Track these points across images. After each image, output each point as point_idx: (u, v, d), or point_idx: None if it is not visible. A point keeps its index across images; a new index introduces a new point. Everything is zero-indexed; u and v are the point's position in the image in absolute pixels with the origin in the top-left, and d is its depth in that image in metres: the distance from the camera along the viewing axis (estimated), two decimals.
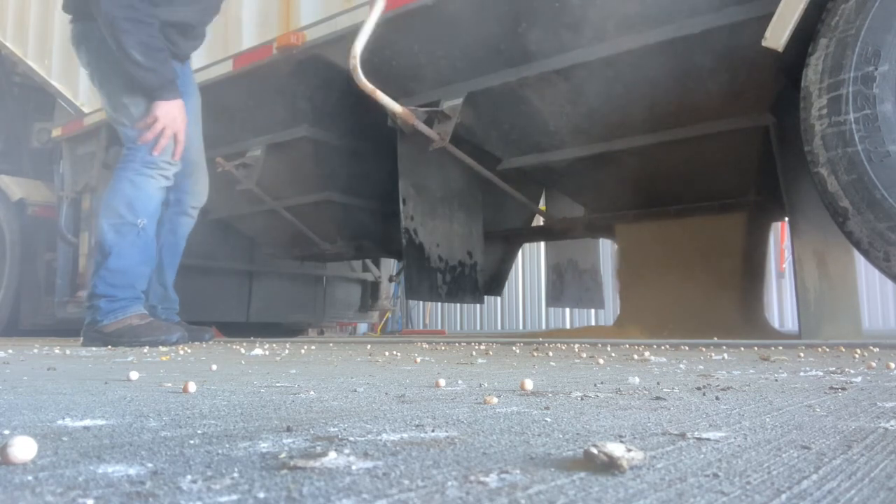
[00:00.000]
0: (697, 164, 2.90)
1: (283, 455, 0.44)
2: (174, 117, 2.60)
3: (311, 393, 0.85)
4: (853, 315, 2.79)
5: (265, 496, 0.33)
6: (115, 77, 2.61)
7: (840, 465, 0.41)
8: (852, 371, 1.10)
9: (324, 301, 5.54)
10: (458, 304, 9.11)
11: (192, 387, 0.86)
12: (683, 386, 0.89)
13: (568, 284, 4.39)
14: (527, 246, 6.62)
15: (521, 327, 8.77)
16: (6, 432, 0.54)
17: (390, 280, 5.91)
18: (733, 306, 3.05)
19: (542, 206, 4.06)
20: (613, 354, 1.73)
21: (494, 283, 4.10)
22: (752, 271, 3.16)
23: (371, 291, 5.88)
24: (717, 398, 0.75)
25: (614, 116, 2.84)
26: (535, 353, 1.84)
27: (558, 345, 2.46)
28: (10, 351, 2.21)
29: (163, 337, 2.59)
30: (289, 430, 0.55)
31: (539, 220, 4.11)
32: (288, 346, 2.63)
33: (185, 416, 0.64)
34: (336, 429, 0.55)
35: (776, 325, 6.76)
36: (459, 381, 1.00)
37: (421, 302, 8.99)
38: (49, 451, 0.45)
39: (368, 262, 5.65)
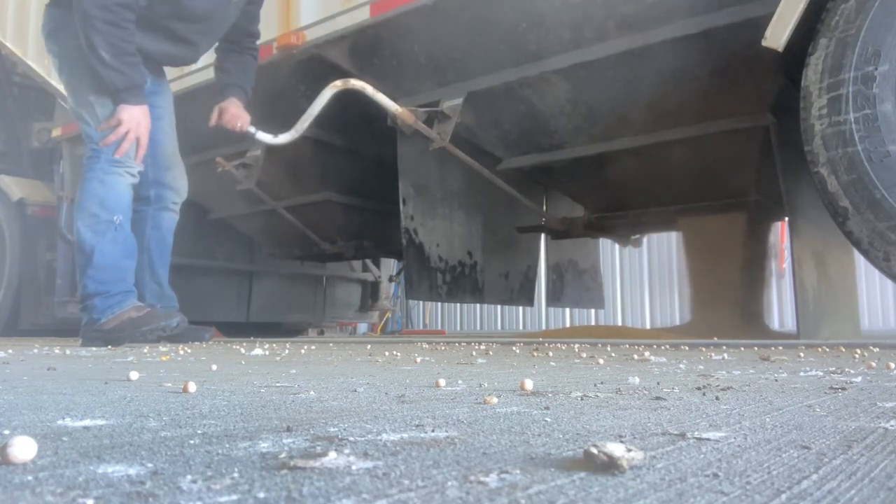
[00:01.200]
0: (697, 164, 2.90)
1: (283, 455, 0.44)
2: (138, 122, 2.61)
3: (311, 393, 0.85)
4: (852, 315, 2.79)
5: (265, 496, 0.33)
6: (84, 73, 2.60)
7: (840, 465, 0.41)
8: (852, 371, 1.10)
9: (324, 301, 5.54)
10: (458, 304, 9.12)
11: (192, 387, 0.86)
12: (683, 386, 0.89)
13: (568, 284, 4.39)
14: None
15: (521, 327, 8.76)
16: (6, 432, 0.54)
17: (390, 280, 5.91)
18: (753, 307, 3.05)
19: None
20: (613, 354, 1.73)
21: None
22: (753, 271, 3.16)
23: (371, 291, 5.87)
24: (717, 398, 0.75)
25: (614, 116, 2.84)
26: (535, 353, 1.84)
27: (558, 345, 2.46)
28: (10, 351, 2.21)
29: (163, 323, 2.59)
30: (289, 430, 0.55)
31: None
32: (288, 346, 2.63)
33: (185, 416, 0.64)
34: (336, 429, 0.55)
35: (776, 325, 6.76)
36: (459, 381, 1.00)
37: (421, 302, 8.98)
38: (49, 451, 0.45)
39: (368, 262, 5.65)
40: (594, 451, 0.39)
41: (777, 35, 1.92)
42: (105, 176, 2.63)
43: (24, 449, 0.41)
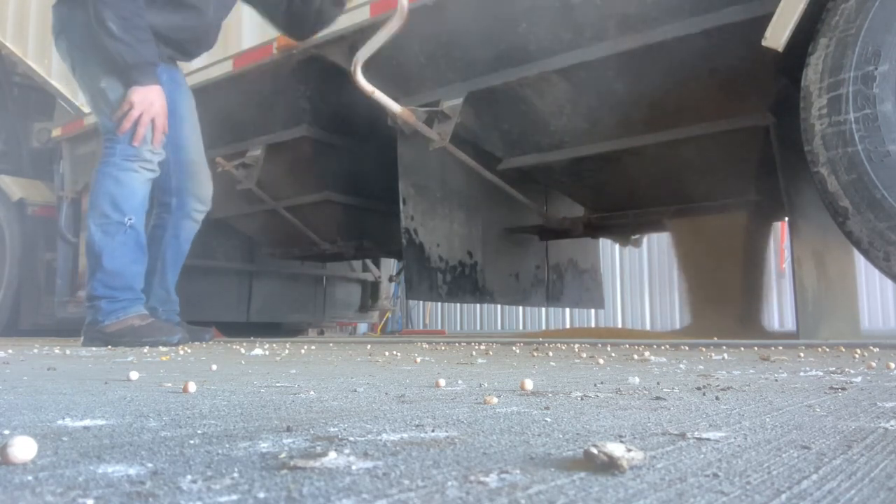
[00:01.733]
0: (697, 164, 2.90)
1: (283, 455, 0.44)
2: (151, 102, 2.53)
3: (311, 393, 0.85)
4: (851, 315, 2.79)
5: (265, 496, 0.33)
6: (94, 62, 2.57)
7: (840, 465, 0.41)
8: (852, 371, 1.10)
9: (324, 301, 5.54)
10: (458, 304, 9.12)
11: (192, 387, 0.86)
12: (683, 386, 0.89)
13: (568, 284, 4.39)
14: None
15: (521, 327, 8.76)
16: (6, 432, 0.54)
17: (390, 280, 5.91)
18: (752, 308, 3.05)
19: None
20: (613, 354, 1.73)
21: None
22: (753, 272, 3.16)
23: (371, 291, 5.88)
24: (717, 398, 0.75)
25: (614, 116, 2.84)
26: (535, 353, 1.84)
27: (558, 345, 2.46)
28: (10, 351, 2.21)
29: (164, 338, 2.58)
30: (289, 430, 0.55)
31: None
32: (288, 346, 2.63)
33: (185, 416, 0.64)
34: (336, 429, 0.55)
35: (776, 325, 6.76)
36: (459, 381, 1.00)
37: (421, 302, 8.99)
38: (49, 451, 0.45)
39: (368, 262, 5.65)
40: (594, 451, 0.39)
41: (777, 35, 1.92)
42: (119, 172, 2.59)
43: (24, 449, 0.41)
